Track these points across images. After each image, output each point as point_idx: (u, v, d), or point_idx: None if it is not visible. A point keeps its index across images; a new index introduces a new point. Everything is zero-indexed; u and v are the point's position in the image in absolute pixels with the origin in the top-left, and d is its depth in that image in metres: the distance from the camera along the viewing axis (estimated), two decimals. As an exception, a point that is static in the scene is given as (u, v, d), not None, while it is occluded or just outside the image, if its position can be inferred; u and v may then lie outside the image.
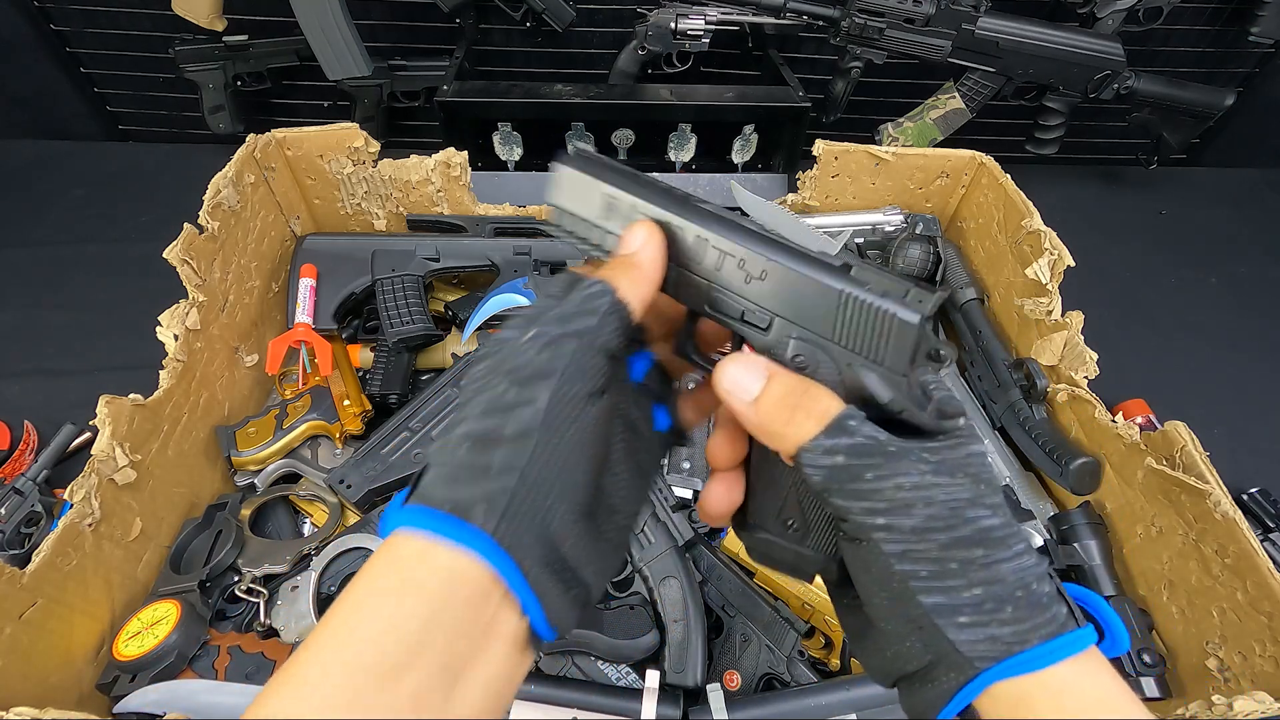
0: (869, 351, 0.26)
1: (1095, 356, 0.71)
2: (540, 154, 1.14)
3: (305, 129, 0.85)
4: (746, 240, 0.28)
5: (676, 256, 0.29)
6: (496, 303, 0.81)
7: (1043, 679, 0.21)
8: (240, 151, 0.79)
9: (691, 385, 0.33)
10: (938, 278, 0.91)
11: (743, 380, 0.26)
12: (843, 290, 0.26)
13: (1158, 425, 0.67)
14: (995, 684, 0.21)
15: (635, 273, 0.28)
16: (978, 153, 0.91)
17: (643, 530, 0.66)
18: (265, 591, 0.64)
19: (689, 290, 0.30)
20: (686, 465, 0.72)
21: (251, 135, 0.81)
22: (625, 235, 0.29)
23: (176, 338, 0.68)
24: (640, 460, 0.29)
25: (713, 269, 0.29)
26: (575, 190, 0.31)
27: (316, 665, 0.20)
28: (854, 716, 0.55)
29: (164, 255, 0.68)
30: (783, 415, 0.25)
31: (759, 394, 0.26)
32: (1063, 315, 0.75)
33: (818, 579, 0.64)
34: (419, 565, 0.21)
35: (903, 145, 1.08)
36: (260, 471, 0.73)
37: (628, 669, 0.62)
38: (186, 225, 0.70)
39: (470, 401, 0.24)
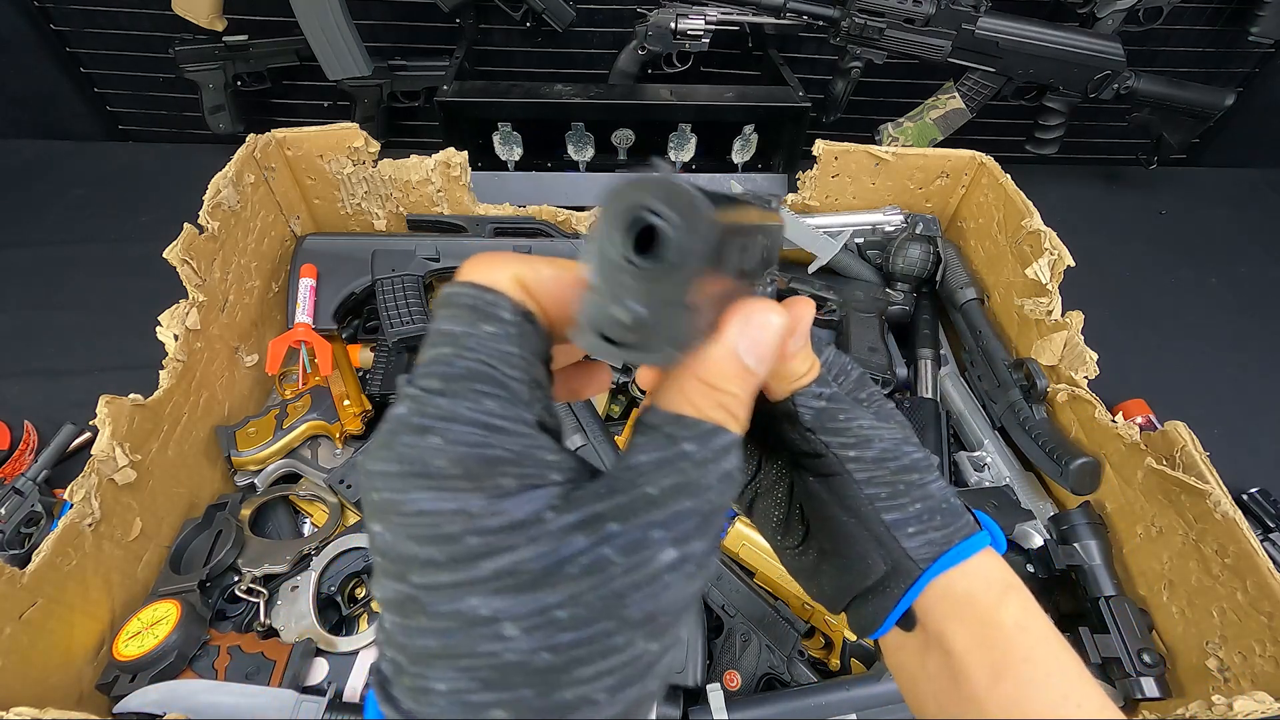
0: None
1: (1095, 356, 0.71)
2: (540, 154, 1.14)
3: (305, 129, 0.85)
4: None
5: None
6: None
7: (963, 569, 0.26)
8: (240, 151, 0.79)
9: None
10: (938, 278, 0.91)
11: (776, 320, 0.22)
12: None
13: (1158, 425, 0.67)
14: (932, 580, 0.26)
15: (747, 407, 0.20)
16: (978, 153, 0.91)
17: (643, 530, 0.66)
18: (265, 591, 0.64)
19: None
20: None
21: (251, 135, 0.81)
22: (755, 330, 0.20)
23: (176, 338, 0.68)
24: None
25: None
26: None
27: None
28: (854, 716, 0.55)
29: (164, 255, 0.68)
30: (805, 365, 0.27)
31: (799, 347, 0.26)
32: (1063, 315, 0.75)
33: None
34: None
35: (903, 145, 1.08)
36: (260, 471, 0.73)
37: (628, 669, 0.62)
38: (186, 225, 0.70)
39: (563, 683, 0.16)
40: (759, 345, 0.20)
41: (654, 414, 0.19)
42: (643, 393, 0.32)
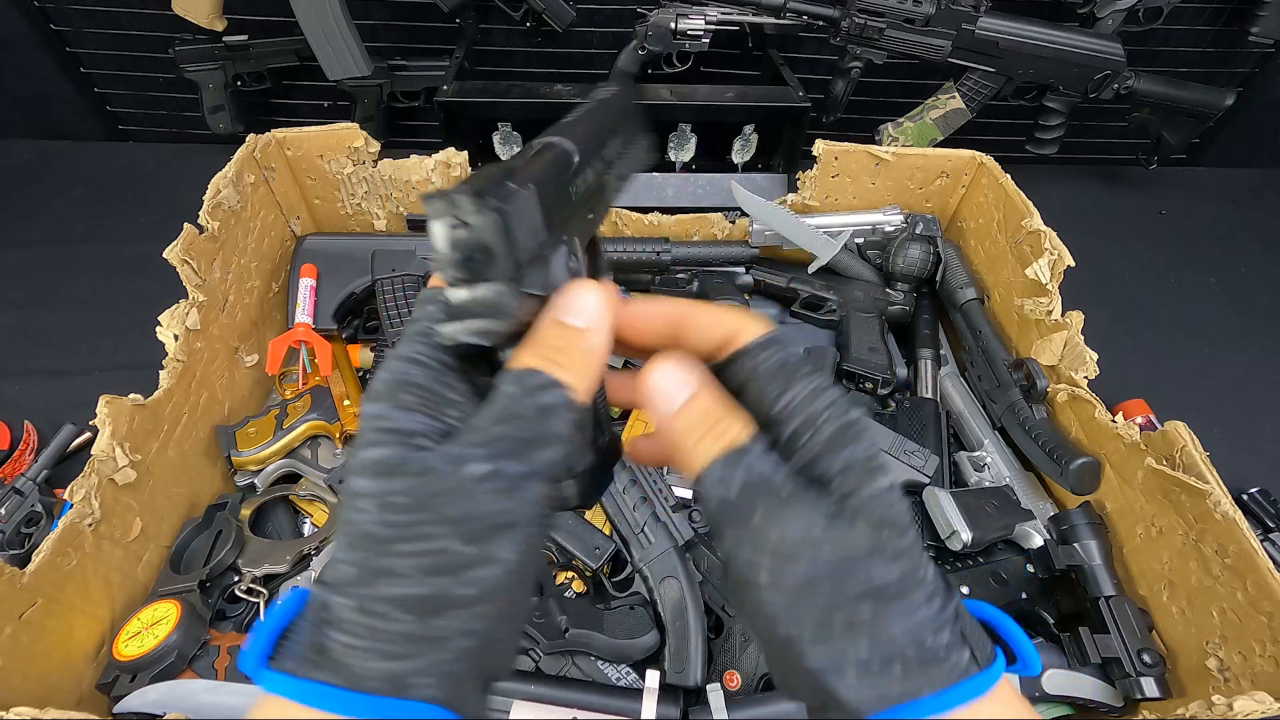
0: None
1: (1095, 356, 0.71)
2: (540, 154, 1.14)
3: (305, 129, 0.85)
4: None
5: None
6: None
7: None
8: (240, 151, 0.79)
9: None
10: (938, 278, 0.91)
11: (669, 388, 0.24)
12: None
13: (1158, 425, 0.67)
14: None
15: (589, 362, 0.23)
16: (978, 153, 0.91)
17: (643, 530, 0.66)
18: (265, 591, 0.64)
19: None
20: (686, 465, 0.72)
21: (251, 135, 0.81)
22: (569, 299, 0.23)
23: (176, 338, 0.68)
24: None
25: None
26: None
27: None
28: (854, 716, 0.55)
29: (164, 255, 0.68)
30: (696, 433, 0.23)
31: (681, 406, 0.24)
32: (1063, 315, 0.75)
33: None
34: None
35: (903, 145, 1.08)
36: (260, 471, 0.73)
37: (628, 669, 0.62)
38: (186, 225, 0.70)
39: (389, 552, 0.19)
40: (574, 304, 0.23)
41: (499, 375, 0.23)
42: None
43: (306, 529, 0.73)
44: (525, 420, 0.21)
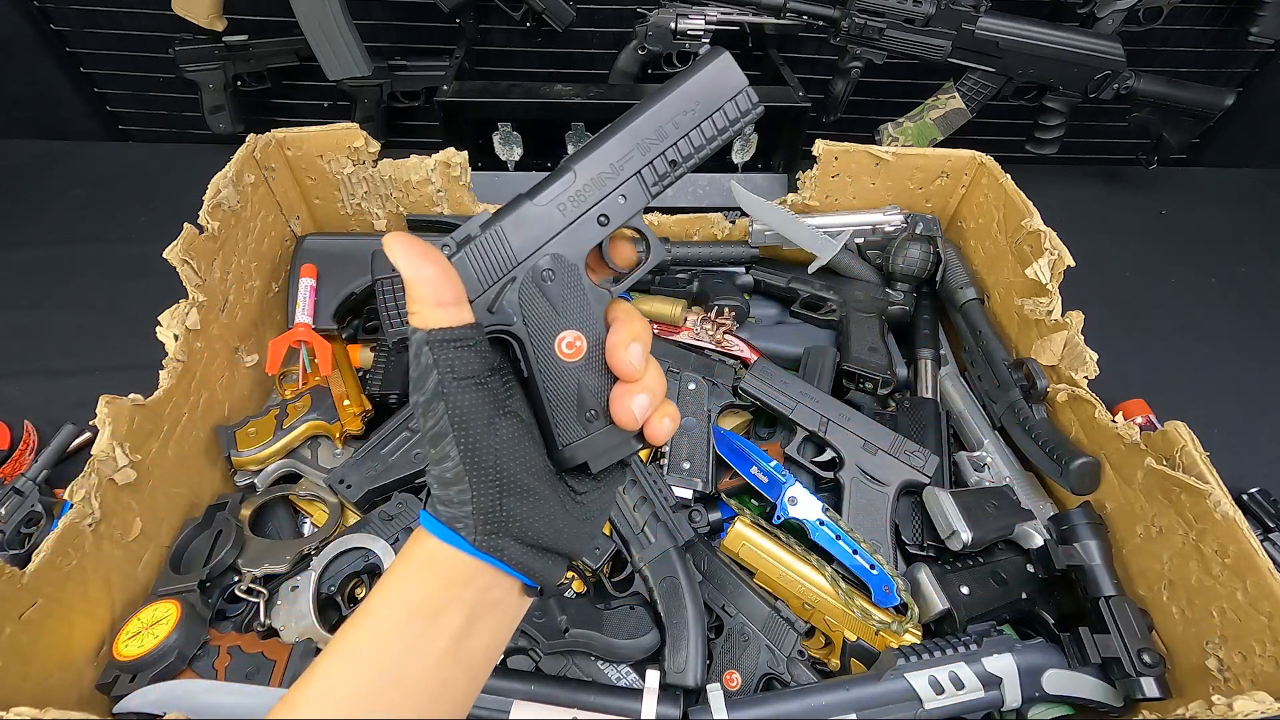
0: None
1: (1095, 356, 0.71)
2: (540, 154, 1.14)
3: (305, 129, 0.85)
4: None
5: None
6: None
7: None
8: (240, 151, 0.79)
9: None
10: (938, 278, 0.91)
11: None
12: None
13: (1158, 425, 0.67)
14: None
15: (424, 302, 0.30)
16: (978, 153, 0.91)
17: (643, 530, 0.66)
18: (265, 591, 0.64)
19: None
20: (686, 465, 0.72)
21: (251, 135, 0.81)
22: (394, 258, 0.30)
23: (176, 338, 0.68)
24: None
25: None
26: None
27: (377, 607, 0.31)
28: (854, 716, 0.55)
29: (164, 255, 0.68)
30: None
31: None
32: (1063, 315, 0.75)
33: (809, 571, 0.65)
34: (438, 556, 0.32)
35: (903, 145, 1.08)
36: (260, 471, 0.73)
37: (628, 669, 0.62)
38: (186, 225, 0.70)
39: (421, 442, 0.32)
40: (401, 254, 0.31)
41: None
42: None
43: (306, 529, 0.73)
44: (416, 363, 0.30)
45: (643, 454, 0.74)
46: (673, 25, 1.09)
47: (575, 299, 0.33)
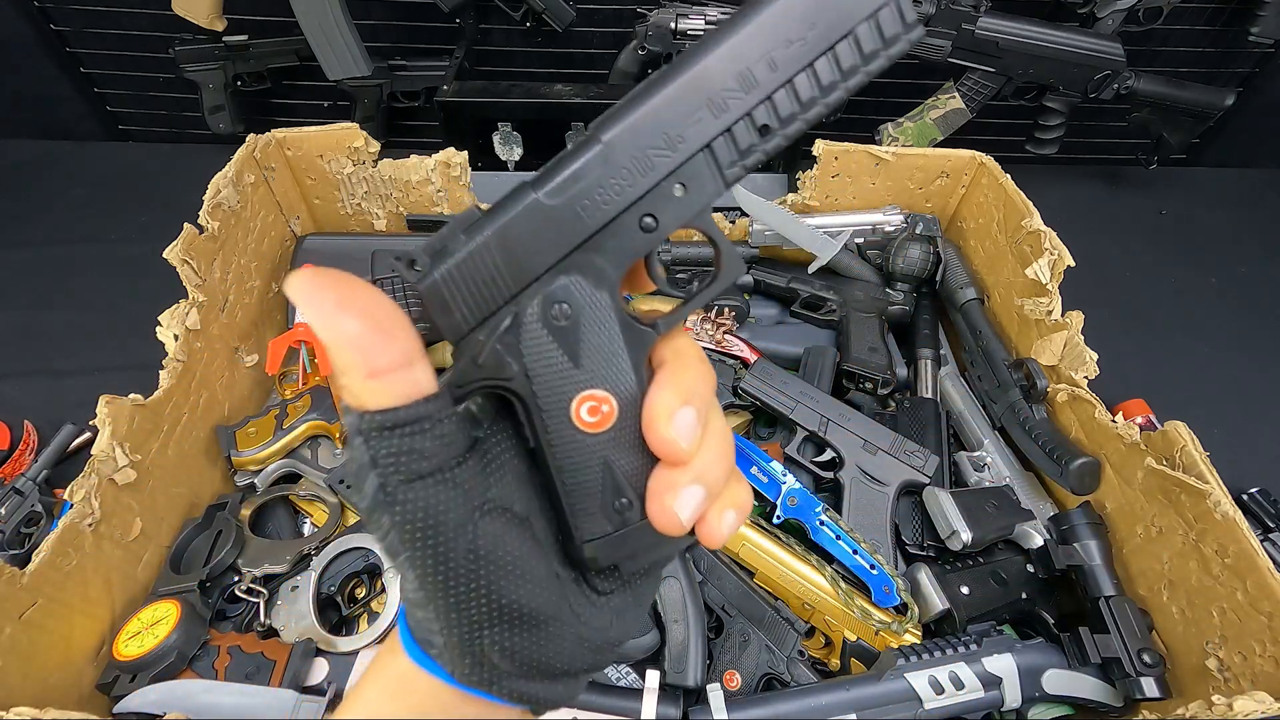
0: None
1: (1095, 356, 0.71)
2: (540, 154, 1.14)
3: (305, 129, 0.85)
4: None
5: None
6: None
7: None
8: (240, 151, 0.79)
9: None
10: (938, 278, 0.91)
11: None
12: None
13: (1158, 425, 0.67)
14: None
15: (351, 372, 0.20)
16: (978, 153, 0.91)
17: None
18: (265, 591, 0.64)
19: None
20: (686, 465, 0.72)
21: (251, 135, 0.81)
22: (301, 307, 0.21)
23: (176, 338, 0.68)
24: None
25: None
26: None
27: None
28: (854, 716, 0.55)
29: (164, 255, 0.68)
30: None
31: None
32: (1063, 315, 0.75)
33: (810, 571, 0.65)
34: (413, 682, 0.25)
35: (903, 145, 1.08)
36: (260, 471, 0.73)
37: (628, 669, 0.62)
38: (186, 225, 0.70)
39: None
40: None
41: None
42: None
43: (306, 529, 0.73)
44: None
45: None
46: (673, 25, 1.09)
47: (602, 343, 0.23)
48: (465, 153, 0.86)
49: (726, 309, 0.86)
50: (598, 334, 0.23)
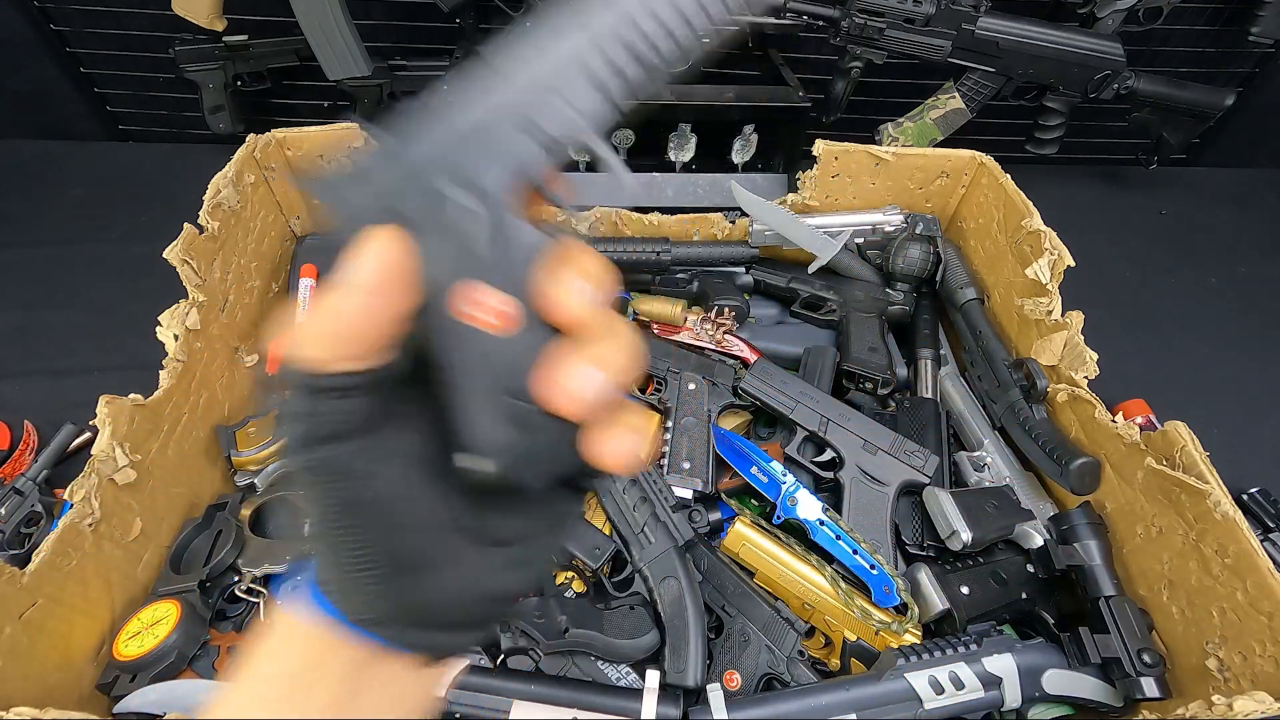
0: None
1: (1095, 356, 0.71)
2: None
3: (305, 129, 0.85)
4: None
5: None
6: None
7: None
8: (240, 151, 0.79)
9: None
10: (938, 278, 0.91)
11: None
12: None
13: (1158, 425, 0.67)
14: None
15: (319, 325, 0.23)
16: (978, 153, 0.91)
17: (643, 530, 0.66)
18: (265, 591, 0.64)
19: None
20: (687, 465, 0.72)
21: (251, 135, 0.81)
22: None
23: (176, 338, 0.68)
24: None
25: None
26: None
27: (250, 679, 0.25)
28: (854, 716, 0.55)
29: (164, 255, 0.68)
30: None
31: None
32: (1063, 315, 0.75)
33: (810, 571, 0.65)
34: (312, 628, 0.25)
35: (903, 145, 1.08)
36: (260, 471, 0.73)
37: (628, 669, 0.62)
38: (186, 225, 0.70)
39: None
40: None
41: None
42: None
43: (306, 529, 0.73)
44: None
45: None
46: (673, 25, 1.09)
47: (496, 242, 0.22)
48: (465, 153, 0.86)
49: (726, 309, 0.86)
50: (492, 232, 0.22)
